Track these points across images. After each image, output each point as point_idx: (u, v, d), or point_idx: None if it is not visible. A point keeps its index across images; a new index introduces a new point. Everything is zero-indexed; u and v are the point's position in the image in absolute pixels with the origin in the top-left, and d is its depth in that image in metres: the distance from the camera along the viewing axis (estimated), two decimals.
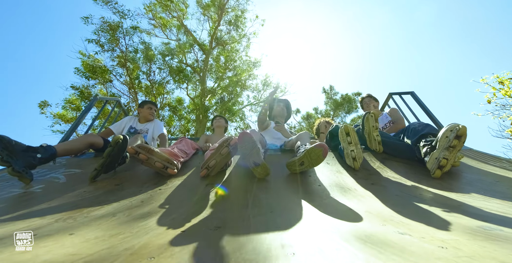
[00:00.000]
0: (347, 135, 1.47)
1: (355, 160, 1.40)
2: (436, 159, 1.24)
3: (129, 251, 0.49)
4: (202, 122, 10.06)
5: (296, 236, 0.56)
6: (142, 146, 1.28)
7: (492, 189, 1.10)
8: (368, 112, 1.58)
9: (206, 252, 0.49)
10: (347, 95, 13.99)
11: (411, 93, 2.82)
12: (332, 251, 0.47)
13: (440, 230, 0.59)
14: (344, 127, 1.47)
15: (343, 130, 1.47)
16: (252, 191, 1.05)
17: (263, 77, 12.93)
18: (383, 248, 0.48)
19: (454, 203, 0.88)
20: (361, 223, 0.66)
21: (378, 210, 0.80)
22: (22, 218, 0.81)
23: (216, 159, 1.25)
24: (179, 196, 1.02)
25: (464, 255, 0.44)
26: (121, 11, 9.95)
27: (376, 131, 1.60)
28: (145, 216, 0.77)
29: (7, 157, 1.18)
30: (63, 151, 1.51)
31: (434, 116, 2.49)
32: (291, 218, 0.74)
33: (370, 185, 1.15)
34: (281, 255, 0.46)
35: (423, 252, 0.46)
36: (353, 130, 1.46)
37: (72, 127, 2.34)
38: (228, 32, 12.21)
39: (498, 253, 0.45)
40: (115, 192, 1.12)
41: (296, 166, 1.25)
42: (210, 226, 0.65)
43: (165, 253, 0.48)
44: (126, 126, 2.43)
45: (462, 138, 1.18)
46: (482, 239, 0.53)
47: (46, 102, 9.43)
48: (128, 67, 10.16)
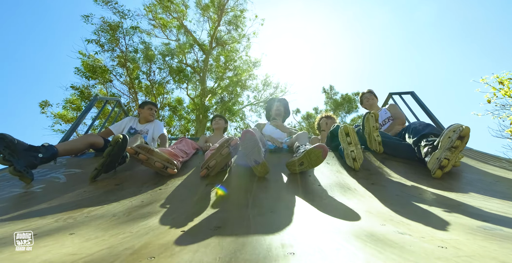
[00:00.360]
0: (346, 136, 1.46)
1: (355, 161, 1.40)
2: (438, 159, 1.23)
3: (129, 251, 0.49)
4: (202, 122, 10.06)
5: (296, 236, 0.56)
6: (141, 146, 1.28)
7: (492, 189, 1.09)
8: (369, 112, 1.57)
9: (206, 252, 0.48)
10: (347, 95, 13.99)
11: (411, 93, 2.83)
12: (332, 251, 0.47)
13: (440, 230, 0.59)
14: (344, 128, 1.46)
15: (343, 131, 1.46)
16: (252, 191, 1.05)
17: (263, 77, 12.96)
18: (383, 248, 0.48)
19: (454, 203, 0.88)
20: (361, 223, 0.66)
21: (378, 210, 0.80)
22: (22, 217, 0.81)
23: (216, 159, 1.25)
24: (179, 196, 1.02)
25: (464, 255, 0.44)
26: (121, 11, 9.95)
27: (377, 132, 1.59)
28: (145, 216, 0.77)
29: (9, 156, 1.18)
30: (63, 151, 1.51)
31: (434, 116, 2.50)
32: (291, 218, 0.74)
33: (370, 185, 1.15)
34: (281, 255, 0.46)
35: (423, 252, 0.46)
36: (353, 130, 1.45)
37: (72, 127, 2.34)
38: (228, 32, 12.22)
39: (498, 252, 0.45)
40: (115, 192, 1.12)
41: (296, 166, 1.26)
42: (210, 226, 0.65)
43: (165, 253, 0.48)
44: (126, 127, 2.43)
45: (465, 139, 1.17)
46: (482, 239, 0.53)
47: (47, 102, 9.45)
48: (128, 67, 10.16)
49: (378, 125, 1.58)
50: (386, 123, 2.35)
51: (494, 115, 6.84)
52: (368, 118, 1.57)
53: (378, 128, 1.59)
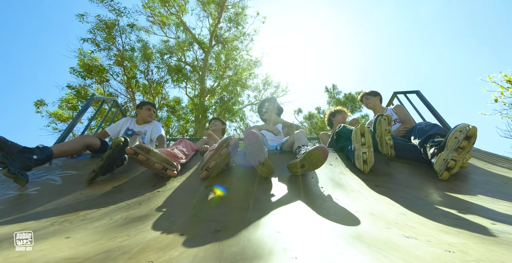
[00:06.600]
0: (361, 136, 1.41)
1: (365, 163, 1.36)
2: (444, 161, 1.21)
3: (127, 255, 0.48)
4: (201, 122, 10.04)
5: (299, 240, 0.55)
6: (141, 147, 1.27)
7: (501, 191, 1.08)
8: (381, 115, 1.52)
9: (206, 256, 0.47)
10: (350, 94, 13.92)
11: (416, 92, 2.79)
12: (336, 255, 0.46)
13: (447, 234, 0.58)
14: (361, 127, 1.41)
15: (359, 130, 1.42)
16: (253, 193, 1.04)
17: (264, 76, 12.93)
18: (388, 252, 0.47)
19: (461, 205, 0.87)
20: (365, 226, 0.65)
21: (383, 212, 0.79)
22: (17, 220, 0.79)
23: (215, 160, 1.24)
24: (178, 198, 1.00)
25: (472, 260, 0.43)
26: (117, 9, 9.88)
27: (389, 135, 1.53)
28: (143, 219, 0.75)
29: (2, 158, 1.16)
30: (59, 152, 1.49)
31: (440, 116, 2.46)
32: (293, 221, 0.73)
33: (375, 187, 1.14)
34: (283, 260, 0.45)
35: (430, 256, 0.45)
36: (368, 131, 1.40)
37: (68, 128, 2.31)
38: (228, 30, 12.18)
39: (507, 257, 0.44)
40: (112, 194, 1.11)
41: (298, 169, 1.24)
42: (210, 229, 0.64)
43: (163, 257, 0.47)
44: (123, 128, 2.39)
45: (472, 139, 1.15)
46: (490, 243, 0.52)
47: (43, 101, 9.37)
48: (125, 66, 10.11)
49: (390, 128, 1.53)
50: (393, 126, 2.28)
51: (502, 114, 6.79)
52: (381, 120, 1.51)
53: (390, 131, 1.54)
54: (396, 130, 2.18)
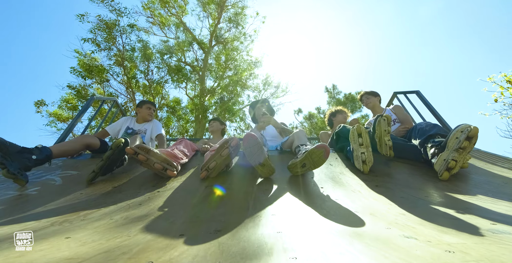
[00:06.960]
0: (358, 136, 1.41)
1: (364, 163, 1.36)
2: (445, 161, 1.21)
3: (127, 255, 0.48)
4: (201, 122, 10.03)
5: (299, 240, 0.55)
6: (141, 147, 1.26)
7: (500, 191, 1.08)
8: (381, 115, 1.52)
9: (206, 256, 0.47)
10: (351, 94, 13.90)
11: (416, 92, 2.79)
12: (335, 255, 0.46)
13: (447, 234, 0.58)
14: (357, 128, 1.42)
15: (355, 131, 1.42)
16: (253, 193, 1.04)
17: (264, 77, 12.93)
18: (388, 252, 0.47)
19: (461, 205, 0.87)
20: (365, 226, 0.65)
21: (383, 212, 0.79)
22: (17, 221, 0.79)
23: (216, 160, 1.24)
24: (178, 199, 1.00)
25: (472, 260, 0.43)
26: (117, 9, 9.88)
27: (388, 136, 1.54)
28: (143, 219, 0.75)
29: (1, 158, 1.16)
30: (59, 152, 1.49)
31: (440, 116, 2.45)
32: (293, 221, 0.73)
33: (375, 187, 1.14)
34: (283, 260, 0.45)
35: (430, 257, 0.45)
36: (365, 131, 1.40)
37: (68, 127, 2.31)
38: (228, 30, 12.18)
39: (507, 257, 0.44)
40: (112, 194, 1.11)
41: (298, 168, 1.24)
42: (210, 229, 0.64)
43: (163, 257, 0.47)
44: (123, 127, 2.39)
45: (473, 139, 1.15)
46: (490, 243, 0.52)
47: (43, 101, 9.36)
48: (125, 66, 10.10)
49: (390, 129, 1.52)
50: (392, 126, 2.28)
51: (502, 114, 6.78)
52: (380, 121, 1.51)
53: (390, 132, 1.54)
54: (395, 130, 2.18)
